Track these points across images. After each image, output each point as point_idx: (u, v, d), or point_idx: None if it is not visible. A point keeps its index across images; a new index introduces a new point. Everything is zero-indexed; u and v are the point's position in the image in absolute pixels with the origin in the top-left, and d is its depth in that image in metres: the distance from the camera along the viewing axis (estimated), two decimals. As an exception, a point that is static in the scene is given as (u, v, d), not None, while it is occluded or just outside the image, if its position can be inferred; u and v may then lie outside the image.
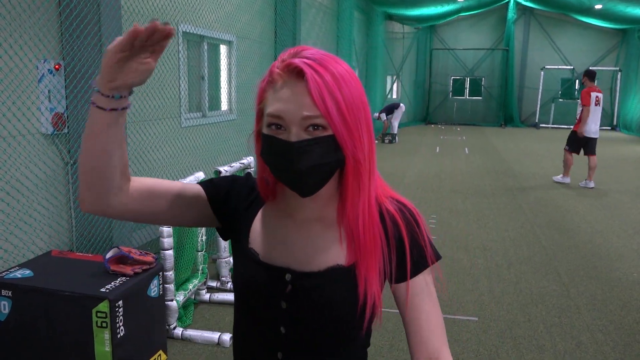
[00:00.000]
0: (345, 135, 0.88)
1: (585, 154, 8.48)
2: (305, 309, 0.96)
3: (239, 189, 1.06)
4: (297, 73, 0.88)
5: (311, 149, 0.87)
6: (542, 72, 19.07)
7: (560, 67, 19.38)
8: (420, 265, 0.99)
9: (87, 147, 0.92)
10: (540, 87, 19.17)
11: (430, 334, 0.99)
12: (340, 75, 0.88)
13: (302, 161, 0.87)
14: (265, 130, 0.92)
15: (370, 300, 0.95)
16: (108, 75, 0.87)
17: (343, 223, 0.96)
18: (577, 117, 8.57)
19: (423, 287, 0.99)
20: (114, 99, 0.89)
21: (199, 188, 1.04)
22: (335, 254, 0.97)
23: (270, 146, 0.91)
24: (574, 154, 8.66)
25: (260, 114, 0.96)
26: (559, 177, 8.86)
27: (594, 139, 8.38)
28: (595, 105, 8.38)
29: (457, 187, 8.24)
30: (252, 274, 0.99)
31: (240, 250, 1.03)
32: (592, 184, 8.40)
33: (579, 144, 8.49)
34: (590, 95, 8.33)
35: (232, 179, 1.08)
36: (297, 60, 0.88)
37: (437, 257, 1.01)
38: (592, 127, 8.33)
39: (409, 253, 0.97)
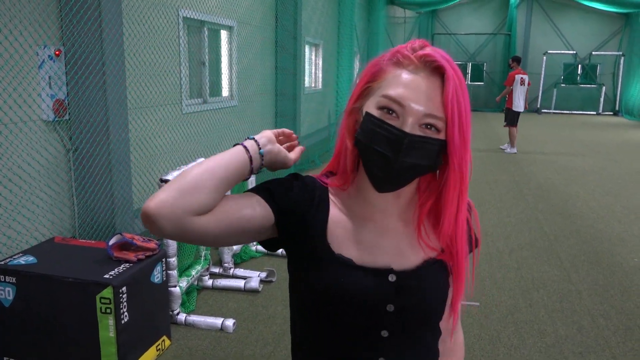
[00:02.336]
0: (457, 146, 0.86)
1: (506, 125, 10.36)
2: (410, 308, 0.94)
3: (300, 193, 0.94)
4: (434, 67, 0.85)
5: (420, 147, 0.85)
6: (545, 57, 18.95)
7: (562, 52, 19.25)
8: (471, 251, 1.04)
9: (210, 169, 0.84)
10: (543, 72, 19.07)
11: (453, 312, 1.04)
12: (465, 84, 0.87)
13: (408, 156, 0.84)
14: (373, 111, 0.87)
15: (458, 297, 0.98)
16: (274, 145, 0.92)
17: (442, 233, 0.94)
18: (506, 96, 10.49)
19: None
20: (261, 156, 0.90)
21: (267, 210, 0.90)
22: (423, 253, 0.96)
23: (376, 129, 0.86)
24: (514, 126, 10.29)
25: (366, 91, 0.91)
26: (506, 147, 10.43)
27: (519, 113, 10.33)
28: (521, 85, 10.22)
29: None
30: (352, 281, 0.91)
31: (321, 258, 0.93)
32: (515, 150, 10.30)
33: (515, 117, 10.27)
34: (514, 78, 10.20)
35: (289, 185, 0.94)
36: (436, 55, 0.85)
37: (476, 243, 1.04)
38: (520, 103, 10.23)
39: (470, 242, 1.01)
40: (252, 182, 4.48)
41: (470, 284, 1.02)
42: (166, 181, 3.12)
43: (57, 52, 3.58)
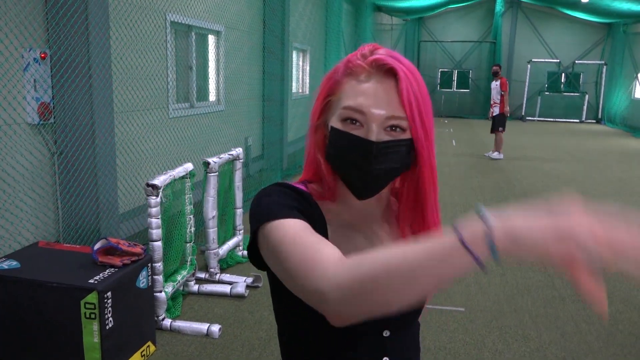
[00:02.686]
0: (423, 141, 0.87)
1: (493, 130, 10.46)
2: (402, 319, 0.96)
3: (306, 208, 0.89)
4: (386, 70, 0.86)
5: (390, 151, 0.85)
6: (529, 65, 19.18)
7: (546, 60, 19.51)
8: None
9: (408, 272, 0.67)
10: (527, 80, 19.30)
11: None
12: (420, 79, 0.88)
13: (380, 163, 0.85)
14: (336, 124, 0.88)
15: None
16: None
17: (424, 225, 0.96)
18: (497, 102, 10.35)
19: None
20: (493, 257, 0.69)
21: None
22: None
23: (344, 142, 0.86)
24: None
25: (327, 106, 0.92)
26: (495, 154, 10.45)
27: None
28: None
29: (444, 179, 8.28)
30: None
31: None
32: (502, 155, 10.44)
33: (505, 122, 10.48)
34: (507, 84, 10.43)
35: (296, 198, 0.89)
36: (386, 57, 0.86)
37: None
38: (507, 108, 10.51)
39: None
40: (238, 187, 4.47)
41: None
42: (153, 186, 3.11)
43: (42, 55, 3.55)
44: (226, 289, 3.76)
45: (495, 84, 10.39)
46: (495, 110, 10.34)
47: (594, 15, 17.39)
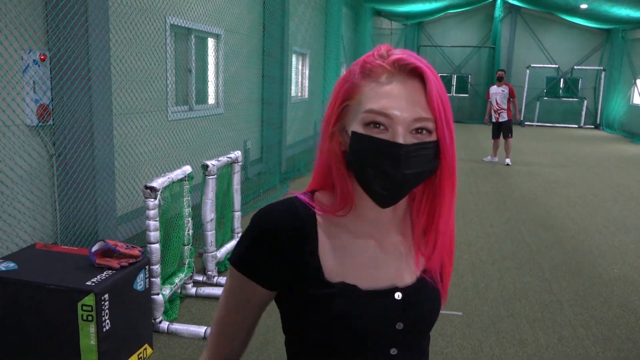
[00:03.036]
0: (448, 143, 0.84)
1: (504, 137, 10.33)
2: (418, 323, 0.93)
3: (280, 253, 0.89)
4: (409, 70, 0.83)
5: (418, 154, 0.82)
6: (528, 71, 19.23)
7: (545, 65, 19.56)
8: None
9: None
10: (526, 85, 19.33)
11: None
12: (440, 79, 0.85)
13: (409, 167, 0.81)
14: (358, 129, 0.83)
15: (445, 295, 0.99)
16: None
17: (438, 234, 0.92)
18: (504, 107, 10.20)
19: None
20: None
21: (266, 293, 0.92)
22: (419, 261, 0.95)
23: (369, 147, 0.82)
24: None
25: (344, 111, 0.87)
26: (493, 159, 10.51)
27: None
28: None
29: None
30: (361, 308, 0.88)
31: (322, 295, 0.88)
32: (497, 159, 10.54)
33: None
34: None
35: (258, 239, 0.89)
36: (409, 57, 0.83)
37: None
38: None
39: None
40: (237, 190, 4.47)
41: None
42: (151, 188, 3.11)
43: (42, 57, 3.56)
44: (224, 291, 3.75)
45: (501, 90, 10.13)
46: (504, 116, 10.16)
47: (592, 21, 17.45)
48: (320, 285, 0.88)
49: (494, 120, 10.32)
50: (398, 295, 0.90)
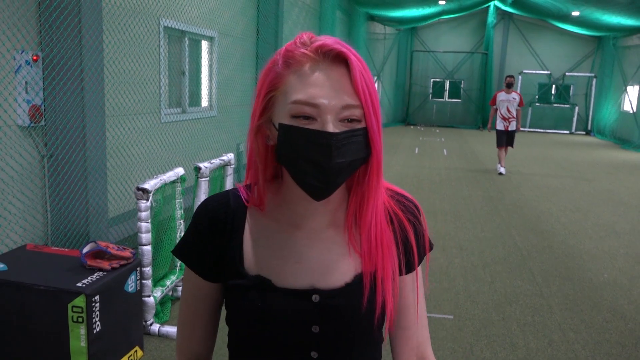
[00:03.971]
0: (376, 130, 0.81)
1: (508, 145, 9.92)
2: (337, 329, 0.88)
3: (207, 239, 0.91)
4: (333, 57, 0.80)
5: (349, 142, 0.79)
6: (520, 77, 19.36)
7: (537, 72, 19.70)
8: (421, 257, 0.96)
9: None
10: (520, 91, 19.45)
11: (421, 327, 0.98)
12: (365, 64, 0.82)
13: (340, 156, 0.78)
14: (286, 121, 0.80)
15: (388, 303, 0.90)
16: None
17: (362, 227, 0.88)
18: (514, 115, 9.70)
19: (414, 278, 0.96)
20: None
21: (207, 285, 0.94)
22: (353, 261, 0.89)
23: (298, 139, 0.79)
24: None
25: (269, 102, 0.84)
26: (502, 169, 9.87)
27: None
28: None
29: (435, 188, 8.32)
30: (270, 305, 0.86)
31: (240, 285, 0.88)
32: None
33: None
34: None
35: (195, 231, 0.93)
36: (333, 43, 0.80)
37: (431, 246, 0.98)
38: None
39: (415, 246, 0.94)
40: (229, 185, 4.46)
41: (425, 288, 0.98)
42: (143, 190, 3.10)
43: (34, 57, 3.54)
44: (215, 294, 3.74)
45: (512, 97, 9.60)
46: (513, 125, 9.67)
47: (584, 28, 17.61)
48: (237, 276, 0.88)
49: (502, 128, 9.72)
50: (315, 298, 0.86)
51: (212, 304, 0.96)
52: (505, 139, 9.74)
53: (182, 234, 3.72)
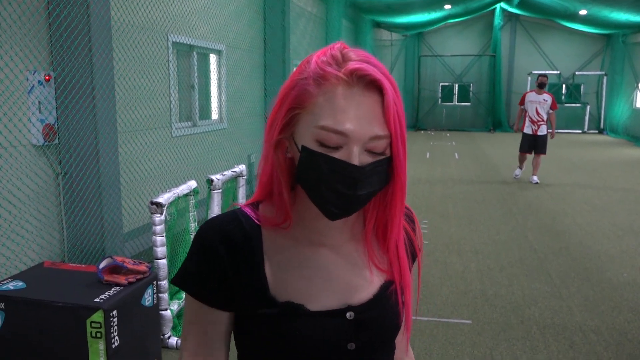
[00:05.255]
0: (402, 160, 0.79)
1: (537, 152, 8.93)
2: (372, 341, 0.87)
3: (220, 268, 0.84)
4: (368, 82, 0.75)
5: (373, 174, 0.77)
6: (529, 77, 19.26)
7: (546, 72, 19.58)
8: (414, 261, 0.99)
9: None
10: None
11: (406, 330, 0.99)
12: (397, 87, 0.79)
13: (364, 188, 0.76)
14: (311, 144, 0.76)
15: (409, 310, 0.91)
16: None
17: (388, 243, 0.88)
18: (544, 119, 8.84)
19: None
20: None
21: (216, 313, 0.87)
22: (374, 273, 0.89)
23: (322, 166, 0.75)
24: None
25: (293, 119, 0.80)
26: (535, 178, 8.97)
27: None
28: None
29: (448, 192, 8.28)
30: (304, 330, 0.82)
31: (269, 314, 0.83)
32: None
33: None
34: None
35: (202, 254, 0.85)
36: (368, 67, 0.76)
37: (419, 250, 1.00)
38: None
39: (417, 252, 0.98)
40: (242, 200, 4.48)
41: (415, 294, 0.97)
42: (157, 204, 3.12)
43: (47, 77, 3.60)
44: (232, 306, 3.75)
45: (543, 98, 8.79)
46: (543, 130, 8.81)
47: (592, 26, 17.49)
48: (266, 304, 0.83)
49: (530, 132, 8.85)
50: (350, 315, 0.85)
51: (225, 337, 0.89)
52: (533, 145, 8.82)
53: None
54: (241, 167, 4.47)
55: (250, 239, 0.85)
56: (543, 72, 13.73)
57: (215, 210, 3.96)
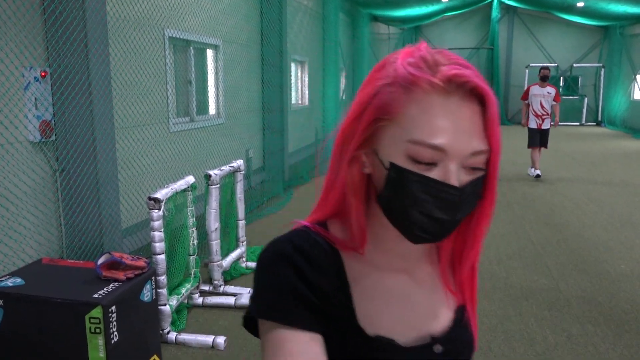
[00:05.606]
0: (497, 175, 0.71)
1: (541, 145, 8.80)
2: None
3: (305, 271, 0.71)
4: (467, 90, 0.66)
5: (471, 194, 0.68)
6: (527, 70, 19.25)
7: (544, 64, 19.58)
8: None
9: None
10: (526, 85, 19.32)
11: None
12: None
13: (462, 210, 0.68)
14: (401, 161, 0.67)
15: (476, 331, 0.85)
16: None
17: (464, 265, 0.81)
18: (549, 112, 8.68)
19: None
20: None
21: (314, 337, 0.69)
22: (444, 295, 0.82)
23: (417, 186, 0.66)
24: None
25: (377, 131, 0.70)
26: (533, 171, 8.89)
27: None
28: None
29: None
30: None
31: (355, 339, 0.72)
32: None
33: None
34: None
35: (283, 273, 0.71)
36: (470, 74, 0.66)
37: None
38: None
39: None
40: (240, 199, 4.48)
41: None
42: (155, 199, 3.13)
43: (43, 74, 3.59)
44: (231, 300, 3.76)
45: (546, 91, 8.58)
46: (547, 123, 8.65)
47: (589, 18, 17.48)
48: (355, 337, 0.72)
49: (534, 126, 8.69)
50: (437, 349, 0.77)
51: None
52: (538, 138, 8.70)
53: (196, 241, 3.74)
54: (239, 162, 4.47)
55: (333, 260, 0.74)
56: (544, 64, 13.61)
57: (214, 205, 3.97)
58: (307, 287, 0.70)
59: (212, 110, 6.94)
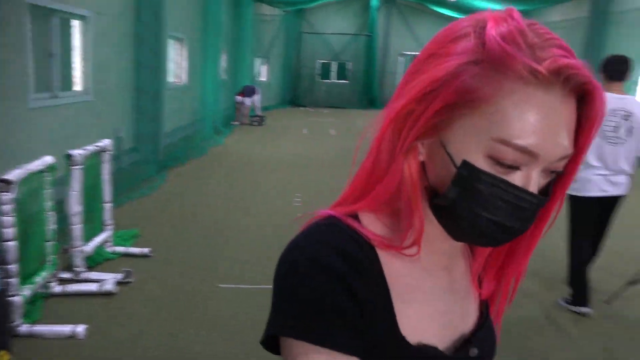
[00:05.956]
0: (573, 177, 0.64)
1: None
2: None
3: (346, 276, 0.60)
4: (574, 85, 0.55)
5: (544, 200, 0.60)
6: (401, 58, 20.23)
7: (417, 53, 20.58)
8: None
9: None
10: (399, 72, 20.33)
11: None
12: None
13: (534, 217, 0.60)
14: (479, 162, 0.57)
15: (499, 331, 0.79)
16: None
17: (514, 270, 0.73)
18: None
19: None
20: None
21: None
22: (475, 289, 0.76)
23: (491, 190, 0.57)
24: None
25: (449, 118, 0.59)
26: None
27: None
28: None
29: (325, 165, 8.54)
30: None
31: (394, 352, 0.63)
32: None
33: None
34: None
35: (325, 288, 0.59)
36: (579, 65, 0.54)
37: None
38: None
39: None
40: (107, 181, 4.28)
41: None
42: (5, 181, 2.90)
43: None
44: (93, 287, 3.61)
45: None
46: None
47: (459, 12, 18.72)
48: (397, 346, 0.63)
49: None
50: (473, 352, 0.70)
51: None
52: None
53: (55, 226, 3.52)
54: (105, 142, 4.27)
55: (372, 261, 0.64)
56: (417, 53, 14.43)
57: (76, 187, 3.76)
58: (350, 298, 0.59)
59: (78, 86, 6.50)
